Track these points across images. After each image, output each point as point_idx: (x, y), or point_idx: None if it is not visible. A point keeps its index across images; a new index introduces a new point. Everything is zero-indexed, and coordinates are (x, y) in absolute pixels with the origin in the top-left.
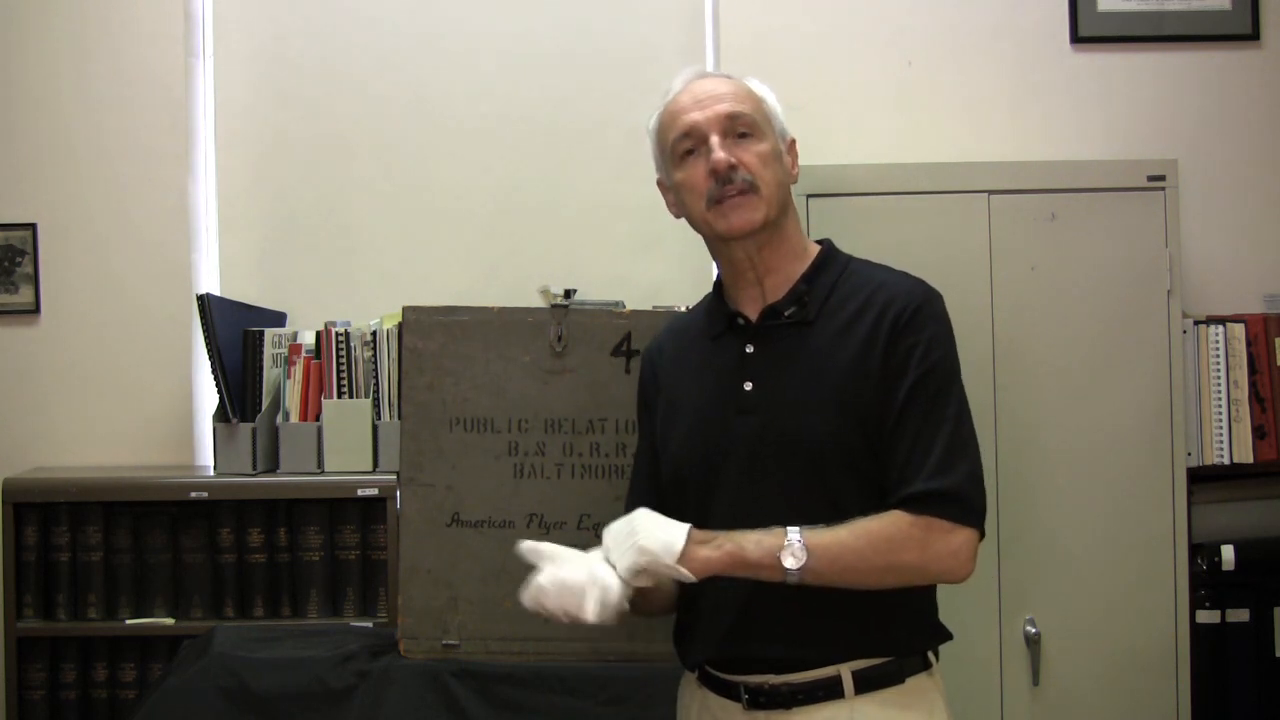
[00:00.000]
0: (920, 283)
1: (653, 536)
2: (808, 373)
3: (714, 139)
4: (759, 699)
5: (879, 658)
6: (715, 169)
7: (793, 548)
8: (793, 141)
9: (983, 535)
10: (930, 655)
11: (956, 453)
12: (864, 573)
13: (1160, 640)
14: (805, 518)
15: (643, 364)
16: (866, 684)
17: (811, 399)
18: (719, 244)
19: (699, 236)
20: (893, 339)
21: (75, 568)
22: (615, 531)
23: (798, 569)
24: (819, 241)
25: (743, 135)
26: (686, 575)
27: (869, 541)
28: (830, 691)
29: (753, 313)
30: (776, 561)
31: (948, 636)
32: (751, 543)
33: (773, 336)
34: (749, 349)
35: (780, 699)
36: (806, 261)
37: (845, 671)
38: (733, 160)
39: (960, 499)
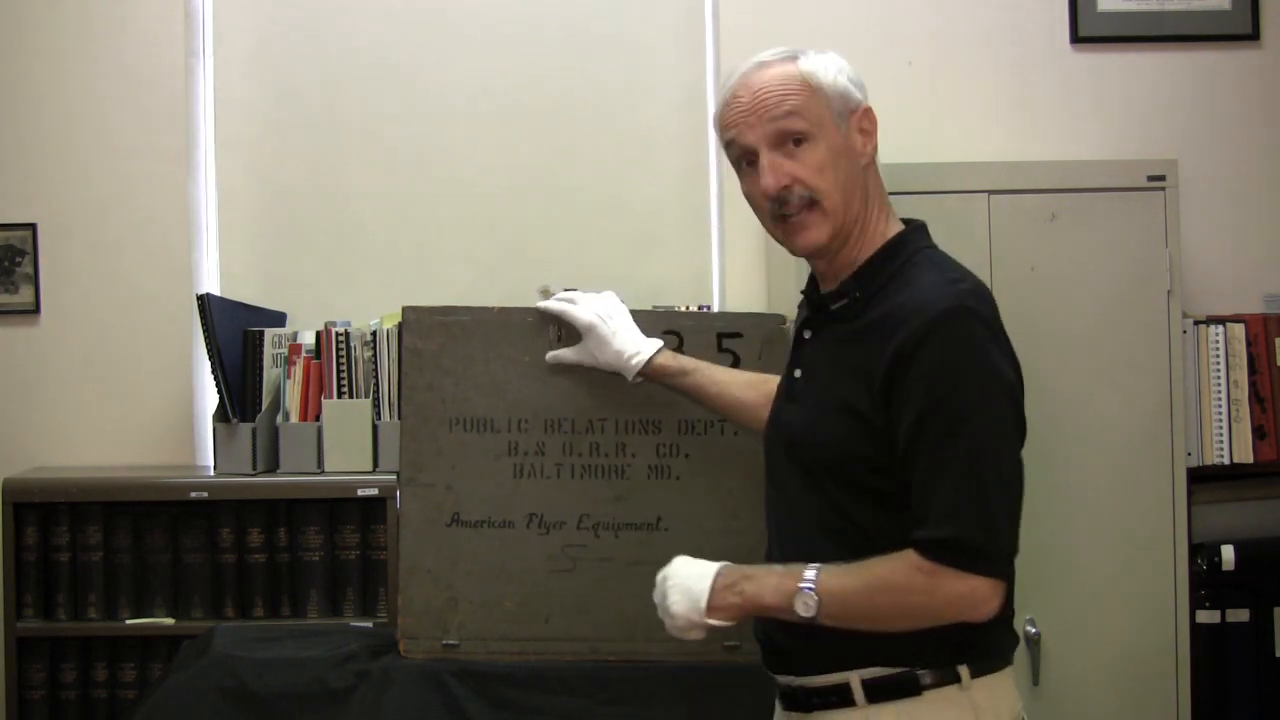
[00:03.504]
0: (946, 297)
1: (679, 600)
2: (831, 372)
3: (764, 159)
4: (785, 699)
5: (890, 667)
6: (766, 194)
7: (804, 597)
8: (864, 111)
9: (1007, 577)
10: (963, 668)
11: (966, 495)
12: (876, 619)
13: (1160, 640)
14: (815, 524)
15: None
16: (879, 693)
17: (827, 400)
18: None
19: (699, 236)
20: (897, 362)
21: (75, 568)
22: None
23: (810, 617)
24: (907, 222)
25: (797, 142)
26: (722, 625)
27: (878, 588)
28: (843, 698)
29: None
30: (791, 608)
31: (989, 651)
32: (770, 589)
33: (823, 326)
34: (806, 334)
35: (800, 701)
36: (875, 248)
37: (855, 679)
38: (784, 182)
39: (966, 547)
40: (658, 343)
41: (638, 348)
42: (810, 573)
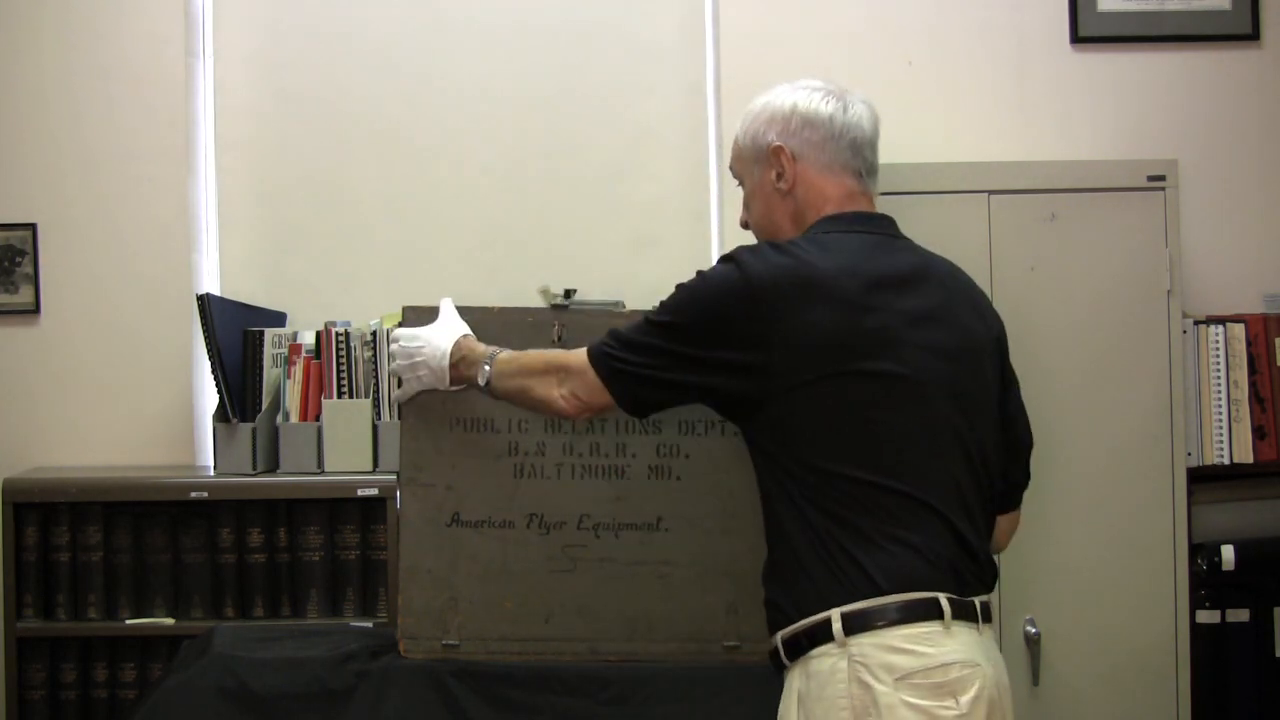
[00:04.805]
0: (735, 250)
1: (427, 376)
2: None
3: None
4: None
5: (791, 625)
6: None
7: (483, 369)
8: (771, 151)
9: (608, 389)
10: (838, 625)
11: (621, 332)
12: (525, 389)
13: (1160, 640)
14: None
15: None
16: (790, 654)
17: None
18: None
19: (699, 236)
20: None
21: (75, 568)
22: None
23: (483, 385)
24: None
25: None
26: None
27: (540, 361)
28: (778, 659)
29: None
30: (475, 377)
31: (849, 595)
32: (467, 365)
33: None
34: None
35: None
36: None
37: (779, 640)
38: (741, 215)
39: (594, 350)
40: None
41: None
42: (496, 351)
